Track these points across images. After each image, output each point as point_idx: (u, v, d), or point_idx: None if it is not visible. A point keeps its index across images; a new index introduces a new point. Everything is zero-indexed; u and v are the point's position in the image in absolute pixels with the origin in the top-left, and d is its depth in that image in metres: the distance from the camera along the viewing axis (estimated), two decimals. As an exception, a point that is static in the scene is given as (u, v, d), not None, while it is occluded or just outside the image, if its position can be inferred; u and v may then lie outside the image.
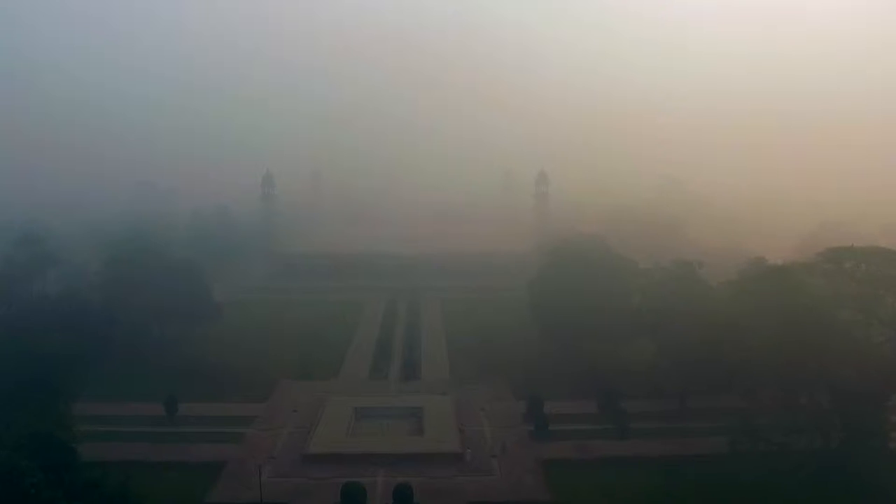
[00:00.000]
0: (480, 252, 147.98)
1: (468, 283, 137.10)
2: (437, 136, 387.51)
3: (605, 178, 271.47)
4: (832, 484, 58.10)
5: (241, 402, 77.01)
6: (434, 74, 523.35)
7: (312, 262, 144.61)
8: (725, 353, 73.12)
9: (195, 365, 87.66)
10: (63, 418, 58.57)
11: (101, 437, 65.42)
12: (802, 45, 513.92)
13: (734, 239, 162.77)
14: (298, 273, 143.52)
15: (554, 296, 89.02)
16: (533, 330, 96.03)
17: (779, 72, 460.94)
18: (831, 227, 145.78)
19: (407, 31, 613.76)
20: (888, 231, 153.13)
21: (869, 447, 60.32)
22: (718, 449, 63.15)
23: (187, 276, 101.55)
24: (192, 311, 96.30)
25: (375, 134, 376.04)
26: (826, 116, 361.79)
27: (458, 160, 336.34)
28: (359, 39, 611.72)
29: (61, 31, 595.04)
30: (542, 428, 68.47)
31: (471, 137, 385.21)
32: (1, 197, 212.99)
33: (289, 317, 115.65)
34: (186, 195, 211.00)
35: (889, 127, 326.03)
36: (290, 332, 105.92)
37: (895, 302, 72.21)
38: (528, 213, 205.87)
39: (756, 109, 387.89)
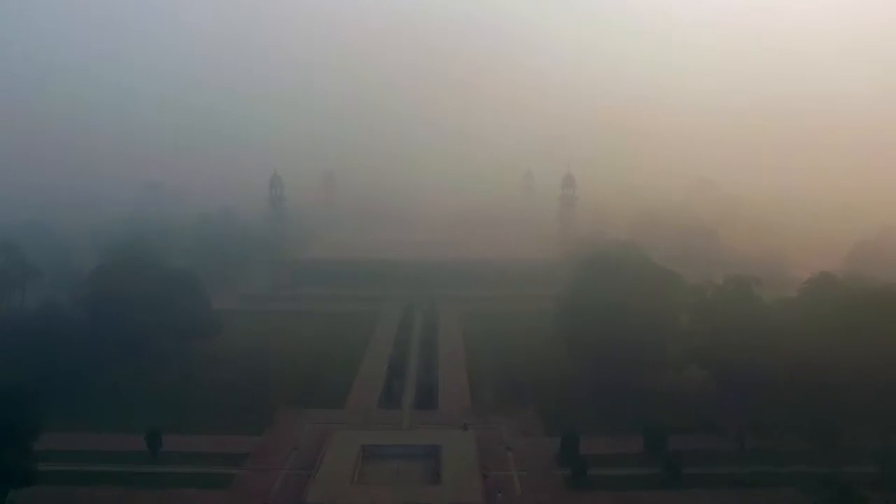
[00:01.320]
0: (502, 259, 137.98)
1: (489, 292, 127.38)
2: (451, 135, 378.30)
3: (630, 179, 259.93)
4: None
5: (234, 435, 67.82)
6: (448, 73, 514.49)
7: (323, 268, 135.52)
8: (797, 386, 63.27)
9: (187, 388, 79.08)
10: (21, 457, 50.15)
11: (67, 479, 57.32)
12: (831, 41, 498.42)
13: (774, 245, 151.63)
14: (308, 280, 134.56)
15: (586, 312, 78.81)
16: (562, 348, 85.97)
17: (805, 69, 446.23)
18: (888, 231, 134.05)
19: (419, 28, 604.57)
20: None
21: None
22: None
23: (184, 287, 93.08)
24: (187, 325, 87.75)
25: (389, 134, 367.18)
26: (855, 114, 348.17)
27: (474, 160, 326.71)
28: (371, 36, 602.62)
29: (68, 29, 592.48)
30: (580, 474, 58.46)
31: (487, 137, 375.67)
32: (6, 196, 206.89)
33: (295, 330, 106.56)
34: (195, 196, 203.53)
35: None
36: (294, 348, 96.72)
37: None
38: (550, 215, 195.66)
39: (781, 108, 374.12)
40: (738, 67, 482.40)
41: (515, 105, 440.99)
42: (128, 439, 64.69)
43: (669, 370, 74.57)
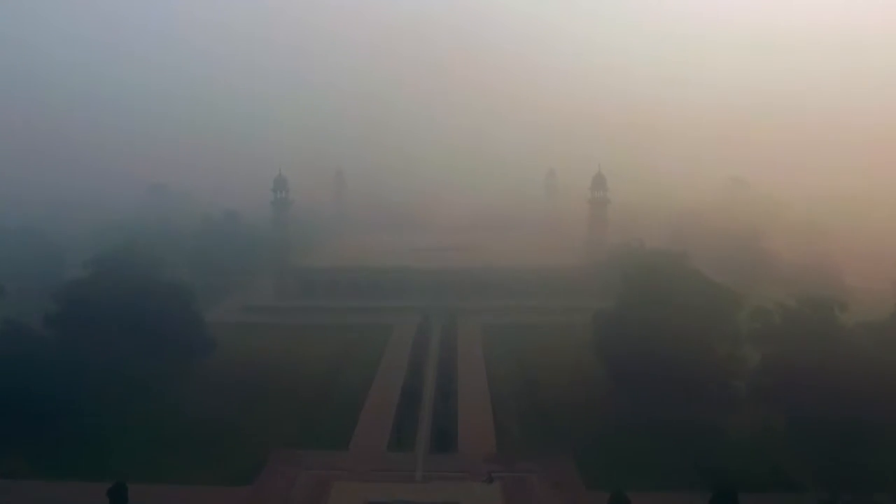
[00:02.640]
0: (526, 266, 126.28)
1: (513, 303, 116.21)
2: (467, 133, 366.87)
3: (655, 178, 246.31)
4: None
5: (216, 485, 57.33)
6: (461, 70, 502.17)
7: (331, 276, 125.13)
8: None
9: (167, 423, 68.64)
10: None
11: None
12: (866, 31, 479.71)
13: (821, 249, 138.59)
14: (316, 290, 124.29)
15: (632, 336, 67.54)
16: (602, 376, 74.65)
17: (837, 62, 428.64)
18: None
19: (432, 24, 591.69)
20: None
21: None
22: None
23: (172, 302, 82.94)
24: (173, 347, 77.56)
25: (400, 132, 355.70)
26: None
27: (491, 159, 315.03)
28: (381, 32, 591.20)
29: (72, 25, 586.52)
30: (634, 548, 47.20)
31: (504, 135, 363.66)
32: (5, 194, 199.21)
33: (298, 348, 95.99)
34: (202, 197, 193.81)
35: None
36: (296, 370, 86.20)
37: None
38: (574, 217, 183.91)
39: (808, 104, 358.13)
40: (759, 63, 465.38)
41: (532, 103, 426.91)
42: (91, 486, 54.29)
43: (734, 410, 62.83)
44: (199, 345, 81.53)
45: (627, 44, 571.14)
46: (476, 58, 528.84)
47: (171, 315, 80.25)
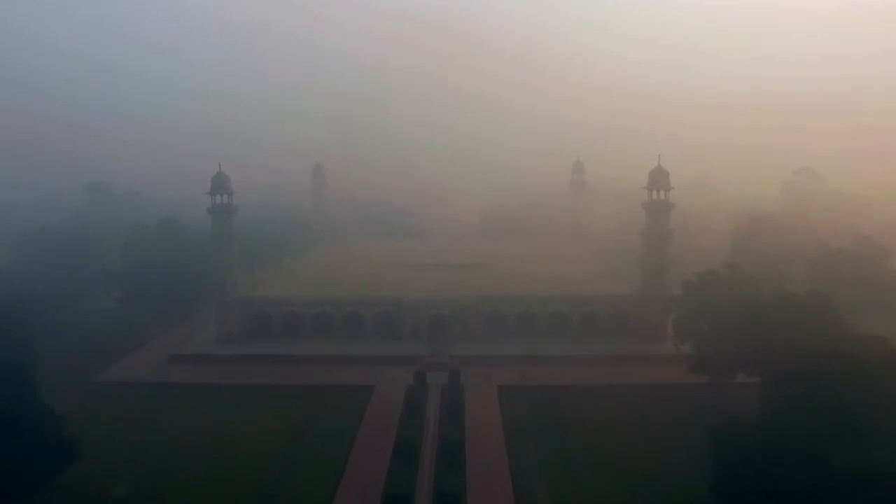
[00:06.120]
0: (559, 296, 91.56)
1: (542, 349, 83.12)
2: (471, 126, 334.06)
3: (704, 174, 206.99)
4: None
5: None
6: (468, 65, 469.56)
7: (292, 311, 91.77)
8: None
9: None
10: None
11: None
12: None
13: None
14: (270, 328, 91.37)
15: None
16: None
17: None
18: None
19: (435, 22, 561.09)
20: None
21: None
22: None
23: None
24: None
25: (391, 129, 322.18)
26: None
27: (502, 153, 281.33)
28: (383, 30, 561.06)
29: (77, 22, 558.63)
30: None
31: (519, 128, 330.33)
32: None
33: (231, 433, 63.60)
34: (153, 199, 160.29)
35: None
36: (222, 480, 53.67)
37: None
38: (608, 218, 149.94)
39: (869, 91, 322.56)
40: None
41: (551, 94, 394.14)
42: None
43: None
44: (45, 452, 48.88)
45: (657, 40, 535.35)
46: (481, 51, 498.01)
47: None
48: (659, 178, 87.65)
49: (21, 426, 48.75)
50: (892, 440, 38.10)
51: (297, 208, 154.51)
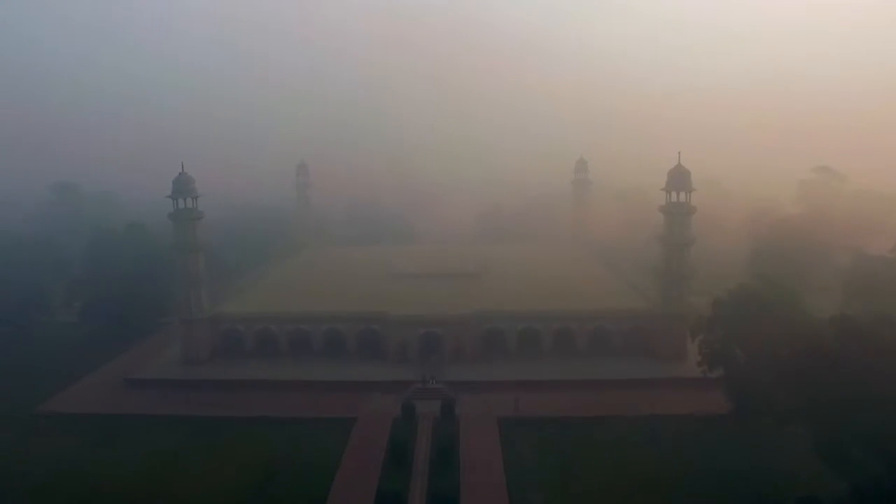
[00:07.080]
0: (569, 312, 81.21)
1: (548, 373, 73.15)
2: (468, 125, 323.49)
3: (717, 174, 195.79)
4: None
5: None
6: (468, 64, 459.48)
7: (271, 330, 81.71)
8: None
9: None
10: None
11: None
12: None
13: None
14: (244, 349, 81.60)
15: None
16: None
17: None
18: None
19: (435, 20, 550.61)
20: None
21: None
22: None
23: None
24: None
25: (380, 129, 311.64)
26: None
27: (500, 151, 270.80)
28: (381, 29, 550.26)
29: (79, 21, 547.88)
30: None
31: (521, 125, 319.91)
32: None
33: (182, 478, 53.65)
34: (123, 202, 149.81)
35: None
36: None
37: None
38: (613, 220, 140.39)
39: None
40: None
41: (555, 94, 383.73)
42: None
43: None
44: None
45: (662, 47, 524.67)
46: (479, 48, 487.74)
47: None
48: (679, 179, 77.40)
49: None
50: None
51: (282, 210, 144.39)
